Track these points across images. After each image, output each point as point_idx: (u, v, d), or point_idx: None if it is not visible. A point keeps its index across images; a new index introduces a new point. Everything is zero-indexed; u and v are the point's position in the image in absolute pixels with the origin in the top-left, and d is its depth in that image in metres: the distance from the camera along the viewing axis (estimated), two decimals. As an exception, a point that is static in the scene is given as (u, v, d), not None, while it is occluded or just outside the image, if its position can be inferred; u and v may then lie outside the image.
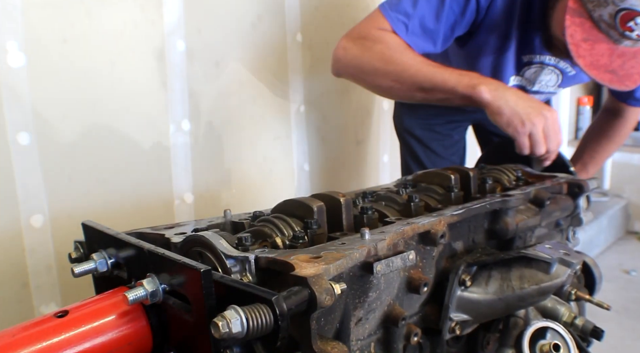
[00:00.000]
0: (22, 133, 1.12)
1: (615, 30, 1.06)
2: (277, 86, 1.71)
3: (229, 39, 1.53)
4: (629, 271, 2.94)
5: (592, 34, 1.08)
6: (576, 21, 1.09)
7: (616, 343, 2.16)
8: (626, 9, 1.02)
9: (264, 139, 1.70)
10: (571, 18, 1.09)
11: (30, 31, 1.11)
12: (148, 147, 1.37)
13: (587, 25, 1.08)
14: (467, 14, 1.21)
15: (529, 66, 1.36)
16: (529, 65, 1.36)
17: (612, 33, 1.07)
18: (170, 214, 1.44)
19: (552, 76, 1.39)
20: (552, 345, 0.75)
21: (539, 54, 1.32)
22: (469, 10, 1.20)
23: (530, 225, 0.91)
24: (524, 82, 1.41)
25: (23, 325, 0.53)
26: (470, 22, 1.24)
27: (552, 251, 0.77)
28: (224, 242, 0.60)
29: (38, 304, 1.20)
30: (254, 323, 0.46)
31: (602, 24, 1.06)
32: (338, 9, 1.89)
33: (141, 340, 0.57)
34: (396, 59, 1.17)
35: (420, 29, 1.20)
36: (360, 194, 0.91)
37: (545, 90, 1.45)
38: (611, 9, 1.04)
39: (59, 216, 1.20)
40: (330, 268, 0.55)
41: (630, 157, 3.63)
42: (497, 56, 1.34)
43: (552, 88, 1.44)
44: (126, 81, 1.30)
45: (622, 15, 1.03)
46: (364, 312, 0.64)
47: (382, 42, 1.19)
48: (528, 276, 0.77)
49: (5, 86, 1.09)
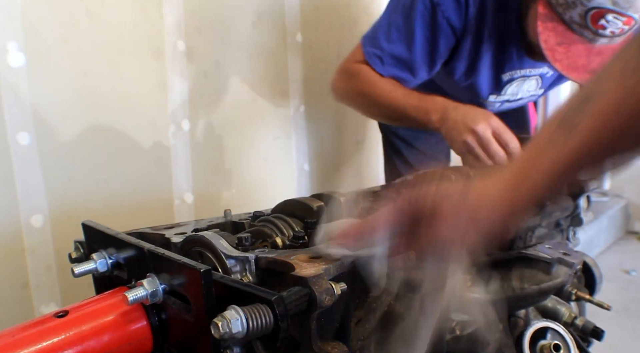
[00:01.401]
0: (22, 133, 1.12)
1: (588, 30, 1.05)
2: (277, 85, 1.71)
3: (229, 39, 1.53)
4: (629, 271, 2.94)
5: (566, 37, 1.08)
6: (549, 26, 1.09)
7: (616, 343, 2.16)
8: (595, 8, 1.01)
9: (264, 139, 1.70)
10: (543, 24, 1.09)
11: (30, 31, 1.11)
12: (148, 147, 1.37)
13: (560, 28, 1.08)
14: (441, 39, 1.21)
15: (511, 82, 1.36)
16: (510, 82, 1.36)
17: (586, 33, 1.06)
18: (170, 214, 1.44)
19: (532, 82, 1.40)
20: (552, 345, 0.75)
21: (519, 69, 1.33)
22: (442, 34, 1.21)
23: (530, 225, 0.91)
24: (506, 97, 1.41)
25: (23, 325, 0.53)
26: (450, 45, 1.24)
27: (552, 251, 0.77)
28: (224, 242, 0.60)
29: (38, 304, 1.20)
30: (254, 323, 0.46)
31: (575, 25, 1.06)
32: (338, 9, 1.89)
33: (141, 340, 0.57)
34: (368, 92, 1.25)
35: (394, 61, 1.24)
36: (360, 194, 0.91)
37: (526, 95, 1.45)
38: (580, 10, 1.03)
39: (59, 216, 1.20)
40: (330, 268, 0.55)
41: (630, 157, 3.63)
42: (475, 77, 1.34)
43: (534, 92, 1.45)
44: (126, 81, 1.30)
45: (592, 14, 1.03)
46: (364, 312, 0.64)
47: (359, 76, 1.27)
48: (528, 276, 0.77)
49: (5, 86, 1.09)
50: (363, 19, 1.95)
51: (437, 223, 0.54)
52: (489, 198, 0.54)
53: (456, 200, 0.55)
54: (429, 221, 0.55)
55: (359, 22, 1.96)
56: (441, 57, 1.27)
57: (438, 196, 0.55)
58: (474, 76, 1.33)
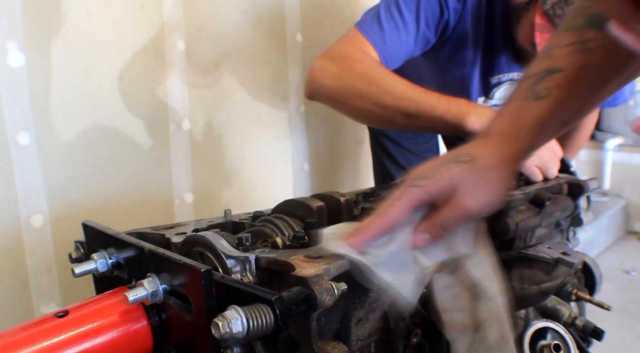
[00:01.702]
0: (22, 133, 1.12)
1: None
2: (277, 86, 1.71)
3: (229, 39, 1.53)
4: (629, 271, 2.94)
5: None
6: (545, 37, 1.09)
7: (616, 343, 2.16)
8: None
9: (264, 139, 1.70)
10: (540, 34, 1.09)
11: (30, 31, 1.11)
12: (148, 147, 1.37)
13: None
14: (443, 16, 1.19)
15: (498, 86, 1.36)
16: (498, 85, 1.36)
17: None
18: (170, 214, 1.44)
19: None
20: (552, 345, 0.75)
21: (507, 72, 1.32)
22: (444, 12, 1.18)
23: (530, 225, 0.91)
24: (495, 101, 1.41)
25: (23, 325, 0.53)
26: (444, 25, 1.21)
27: (552, 252, 0.77)
28: (224, 242, 0.60)
29: (38, 304, 1.20)
30: (254, 323, 0.46)
31: None
32: (338, 9, 1.89)
33: (141, 340, 0.57)
34: (379, 80, 1.08)
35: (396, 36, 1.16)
36: (360, 194, 0.91)
37: None
38: None
39: (59, 216, 1.20)
40: (330, 268, 0.55)
41: (630, 157, 3.63)
42: (464, 78, 1.33)
43: None
44: (126, 81, 1.30)
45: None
46: (364, 312, 0.64)
47: (364, 62, 1.11)
48: (528, 276, 0.77)
49: (5, 86, 1.09)
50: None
51: (461, 195, 0.62)
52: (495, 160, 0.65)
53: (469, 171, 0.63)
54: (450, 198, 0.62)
55: (359, 22, 1.96)
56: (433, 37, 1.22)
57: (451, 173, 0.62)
58: (468, 76, 1.32)
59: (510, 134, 0.66)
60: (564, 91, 0.65)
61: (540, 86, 0.66)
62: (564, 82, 0.65)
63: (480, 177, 0.63)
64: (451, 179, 0.62)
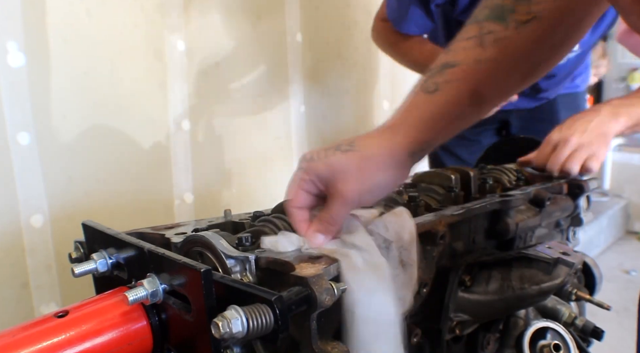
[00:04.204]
0: (22, 133, 1.12)
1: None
2: (277, 85, 1.71)
3: (229, 39, 1.53)
4: (629, 271, 2.94)
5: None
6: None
7: (616, 343, 2.16)
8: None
9: (264, 139, 1.70)
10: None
11: (30, 31, 1.11)
12: (148, 147, 1.37)
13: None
14: None
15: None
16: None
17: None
18: (170, 214, 1.44)
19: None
20: (552, 345, 0.75)
21: None
22: None
23: (530, 225, 0.91)
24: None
25: (23, 325, 0.53)
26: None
27: (552, 252, 0.77)
28: (224, 242, 0.60)
29: (38, 304, 1.20)
30: (254, 323, 0.46)
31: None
32: (338, 9, 1.89)
33: (141, 340, 0.57)
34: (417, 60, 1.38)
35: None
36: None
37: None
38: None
39: (59, 216, 1.20)
40: (330, 268, 0.55)
41: (630, 157, 3.64)
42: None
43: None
44: (126, 81, 1.30)
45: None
46: (364, 312, 0.64)
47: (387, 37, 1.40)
48: (528, 276, 0.77)
49: (5, 86, 1.09)
50: (363, 19, 1.95)
51: (339, 182, 0.63)
52: (374, 150, 0.65)
53: (347, 159, 0.64)
54: (331, 187, 0.64)
55: (359, 22, 1.96)
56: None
57: (330, 159, 0.64)
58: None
59: (395, 127, 0.66)
60: (452, 87, 0.64)
61: (432, 80, 0.65)
62: (453, 78, 0.64)
63: (357, 166, 0.63)
64: (330, 165, 0.63)
